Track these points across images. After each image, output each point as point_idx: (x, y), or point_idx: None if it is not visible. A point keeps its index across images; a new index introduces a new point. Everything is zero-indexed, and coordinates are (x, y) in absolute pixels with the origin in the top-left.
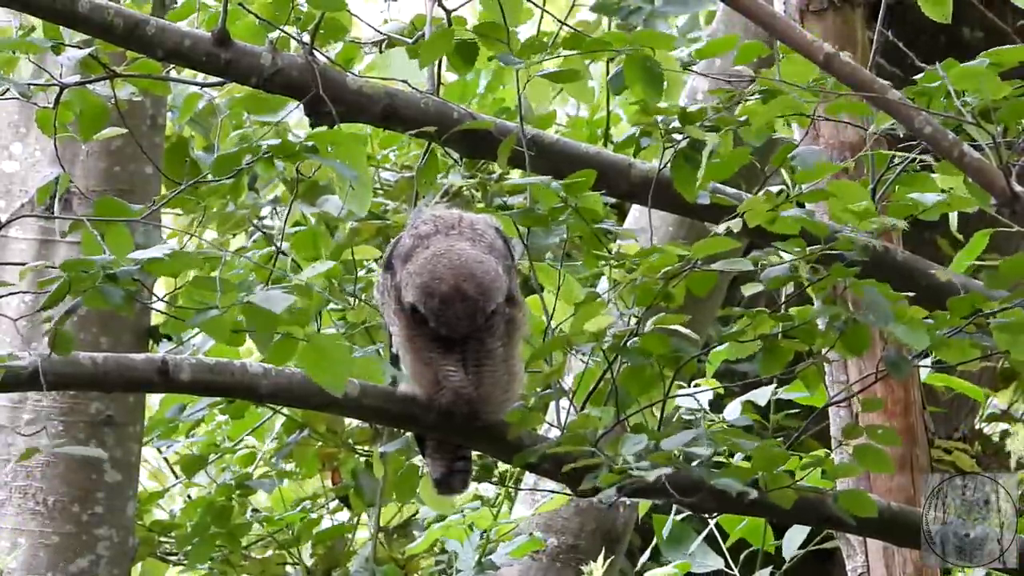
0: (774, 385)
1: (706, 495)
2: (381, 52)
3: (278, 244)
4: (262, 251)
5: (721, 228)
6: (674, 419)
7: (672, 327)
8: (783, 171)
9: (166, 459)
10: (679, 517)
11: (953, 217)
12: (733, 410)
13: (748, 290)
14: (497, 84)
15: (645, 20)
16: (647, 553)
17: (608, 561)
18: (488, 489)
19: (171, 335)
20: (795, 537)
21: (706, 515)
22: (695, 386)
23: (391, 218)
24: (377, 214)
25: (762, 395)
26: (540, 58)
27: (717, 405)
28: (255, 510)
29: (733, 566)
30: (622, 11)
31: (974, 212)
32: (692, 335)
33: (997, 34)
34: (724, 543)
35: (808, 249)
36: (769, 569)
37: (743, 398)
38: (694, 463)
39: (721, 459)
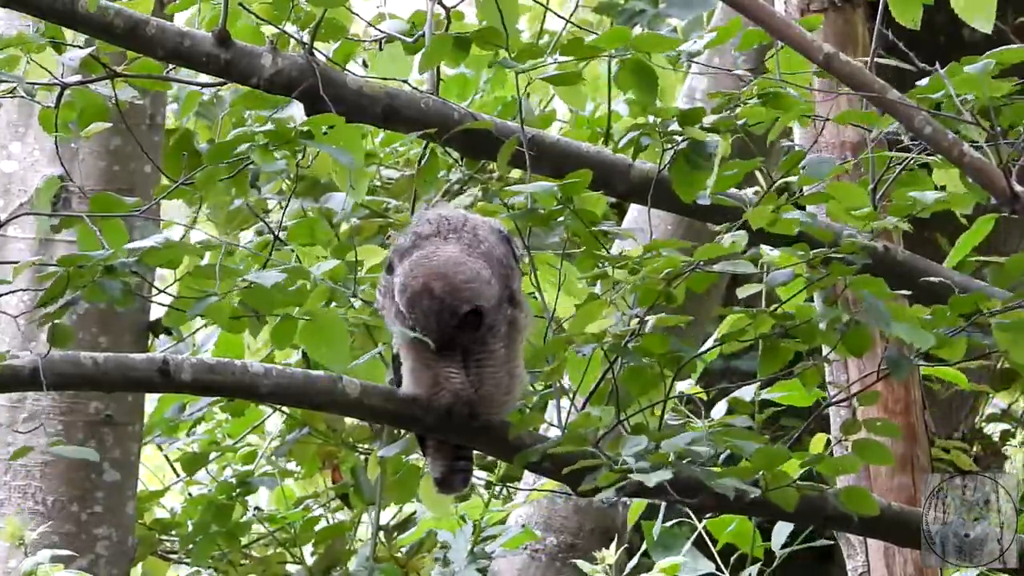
0: (757, 384)
1: (706, 495)
2: (381, 49)
3: (276, 233)
4: (259, 238)
5: (727, 239)
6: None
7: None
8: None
9: (167, 456)
10: (669, 524)
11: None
12: (720, 410)
13: (744, 292)
14: (498, 83)
15: (648, 23)
16: (635, 559)
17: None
18: (481, 479)
19: (171, 329)
20: (781, 534)
21: (695, 518)
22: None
23: (392, 216)
24: (378, 212)
25: (748, 393)
26: (539, 62)
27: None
28: (258, 508)
29: (724, 569)
30: (625, 13)
31: (973, 214)
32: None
33: (997, 34)
34: (715, 547)
35: (812, 252)
36: (757, 566)
37: (730, 396)
38: (694, 464)
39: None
